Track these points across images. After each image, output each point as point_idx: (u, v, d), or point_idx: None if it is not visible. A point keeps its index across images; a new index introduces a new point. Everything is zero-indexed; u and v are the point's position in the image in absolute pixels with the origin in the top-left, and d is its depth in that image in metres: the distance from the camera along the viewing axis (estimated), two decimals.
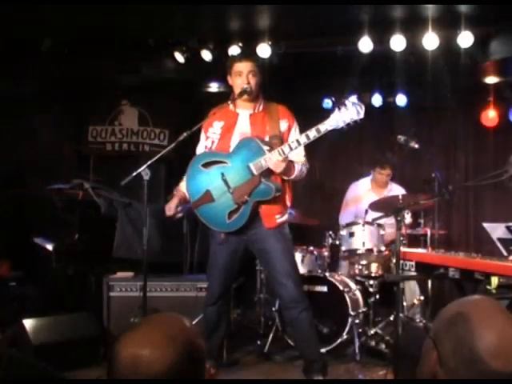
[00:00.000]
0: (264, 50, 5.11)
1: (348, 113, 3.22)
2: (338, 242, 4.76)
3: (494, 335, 1.17)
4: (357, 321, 4.35)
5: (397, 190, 5.24)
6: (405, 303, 4.66)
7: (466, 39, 4.70)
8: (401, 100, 6.18)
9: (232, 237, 3.59)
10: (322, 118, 3.30)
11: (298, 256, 4.74)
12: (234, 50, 5.05)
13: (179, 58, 5.46)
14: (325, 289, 4.44)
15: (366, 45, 4.90)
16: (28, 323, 3.90)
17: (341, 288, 4.37)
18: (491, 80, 5.52)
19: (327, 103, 6.12)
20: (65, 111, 6.19)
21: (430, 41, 4.76)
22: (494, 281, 2.94)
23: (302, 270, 4.70)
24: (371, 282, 4.58)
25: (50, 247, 4.76)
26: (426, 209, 4.77)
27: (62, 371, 1.70)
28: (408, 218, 4.81)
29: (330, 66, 5.45)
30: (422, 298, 4.74)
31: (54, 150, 6.09)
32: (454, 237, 6.29)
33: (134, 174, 3.43)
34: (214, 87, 6.17)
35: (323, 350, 4.16)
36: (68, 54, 5.31)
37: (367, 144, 6.56)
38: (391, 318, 4.40)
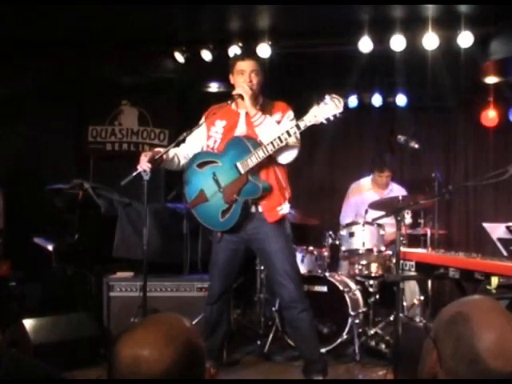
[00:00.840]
0: (264, 50, 5.11)
1: (327, 108, 3.21)
2: (337, 242, 4.76)
3: (494, 335, 1.17)
4: (357, 321, 4.35)
5: (397, 190, 5.24)
6: (405, 303, 4.65)
7: (466, 39, 4.70)
8: (401, 100, 6.18)
9: (232, 236, 3.59)
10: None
11: (298, 256, 4.73)
12: (234, 50, 5.05)
13: (179, 58, 5.46)
14: (325, 289, 4.44)
15: (365, 45, 4.90)
16: (28, 323, 3.90)
17: (341, 288, 4.37)
18: (491, 80, 5.52)
19: None
20: (65, 111, 6.19)
21: (430, 41, 4.76)
22: (494, 281, 2.94)
23: (302, 269, 4.70)
24: (371, 281, 4.58)
25: (50, 247, 4.75)
26: (426, 209, 4.77)
27: (62, 371, 1.70)
28: (408, 218, 4.81)
29: (330, 66, 5.45)
30: (422, 298, 4.73)
31: (54, 150, 6.09)
32: (454, 237, 6.29)
33: (134, 173, 3.44)
34: (213, 87, 6.17)
35: (323, 350, 4.15)
36: (68, 53, 5.31)
37: (367, 144, 6.57)
38: (391, 318, 4.40)
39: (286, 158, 3.49)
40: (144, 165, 3.42)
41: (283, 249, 3.54)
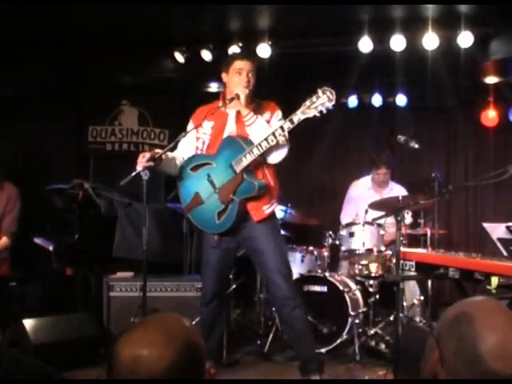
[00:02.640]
0: (264, 50, 5.11)
1: (319, 101, 3.20)
2: (337, 242, 4.76)
3: (496, 337, 1.17)
4: (357, 321, 4.35)
5: (397, 190, 5.24)
6: (405, 303, 4.65)
7: (465, 39, 4.70)
8: (401, 100, 6.18)
9: (224, 236, 3.58)
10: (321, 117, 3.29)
11: (298, 256, 4.74)
12: (234, 50, 5.05)
13: (179, 58, 5.46)
14: (325, 289, 4.44)
15: (365, 45, 4.89)
16: (28, 323, 3.90)
17: (341, 288, 4.37)
18: (491, 80, 5.52)
19: None
20: (65, 111, 6.19)
21: (430, 41, 4.76)
22: (494, 281, 2.94)
23: (302, 270, 4.71)
24: (371, 281, 4.58)
25: (50, 247, 4.75)
26: (426, 209, 4.77)
27: (62, 371, 1.70)
28: (408, 218, 4.81)
29: (330, 66, 5.45)
30: (422, 298, 4.74)
31: (54, 150, 6.09)
32: (454, 237, 6.29)
33: (134, 173, 3.43)
34: (213, 87, 6.16)
35: (323, 350, 4.17)
36: (68, 54, 5.31)
37: (367, 144, 6.56)
38: (391, 318, 4.40)
39: (276, 157, 3.48)
40: (144, 163, 3.41)
41: (274, 247, 3.53)
